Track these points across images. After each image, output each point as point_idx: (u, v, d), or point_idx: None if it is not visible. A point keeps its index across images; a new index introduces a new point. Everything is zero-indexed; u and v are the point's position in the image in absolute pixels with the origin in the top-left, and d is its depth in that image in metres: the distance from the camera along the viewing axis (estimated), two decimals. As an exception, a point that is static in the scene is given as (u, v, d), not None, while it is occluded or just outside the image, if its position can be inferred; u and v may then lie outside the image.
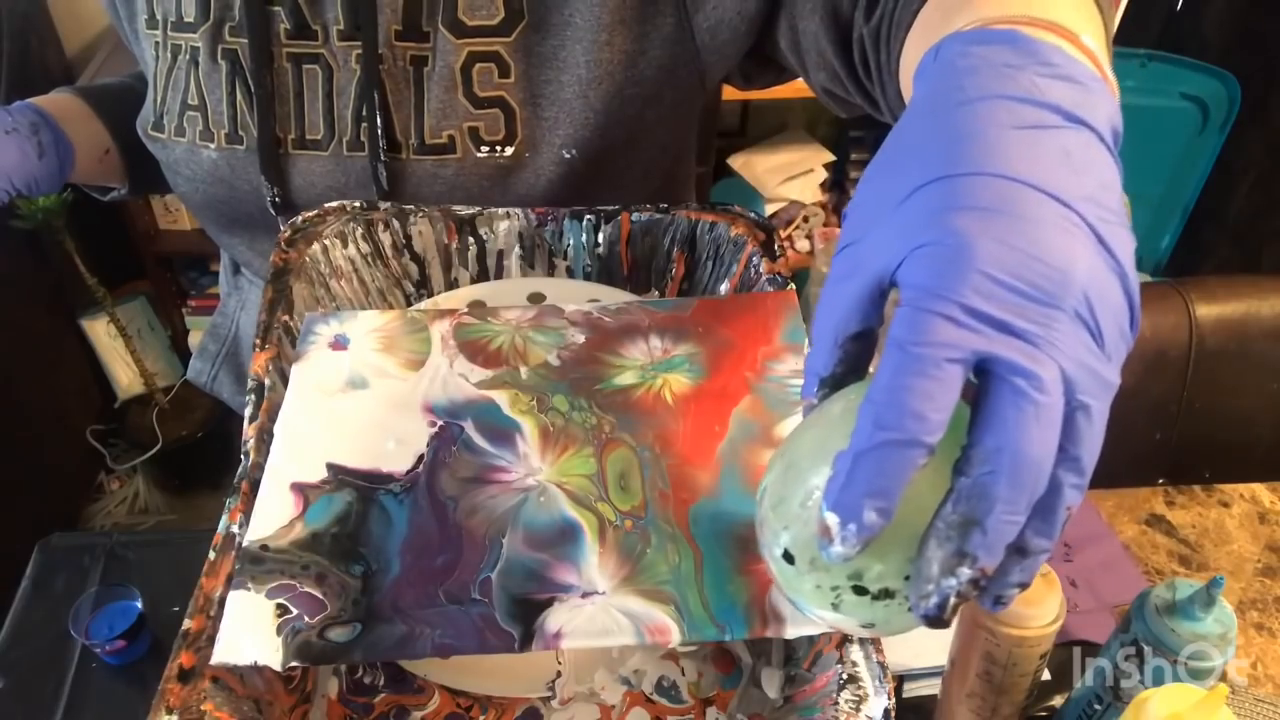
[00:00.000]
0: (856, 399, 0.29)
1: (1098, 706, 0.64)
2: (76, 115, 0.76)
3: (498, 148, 0.65)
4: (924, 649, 0.74)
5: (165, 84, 0.69)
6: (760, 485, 0.35)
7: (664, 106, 0.68)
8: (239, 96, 0.67)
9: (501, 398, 0.51)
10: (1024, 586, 0.29)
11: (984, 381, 0.28)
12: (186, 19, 0.67)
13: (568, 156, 0.66)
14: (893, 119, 0.56)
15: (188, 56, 0.67)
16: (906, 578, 0.30)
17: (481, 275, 0.65)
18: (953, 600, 0.28)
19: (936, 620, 0.28)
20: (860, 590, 0.31)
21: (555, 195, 0.66)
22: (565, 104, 0.64)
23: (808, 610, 0.33)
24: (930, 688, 0.72)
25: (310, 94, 0.66)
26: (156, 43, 0.69)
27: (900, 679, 0.73)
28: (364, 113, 0.65)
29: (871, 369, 0.31)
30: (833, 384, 0.32)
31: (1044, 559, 0.29)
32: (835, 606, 0.32)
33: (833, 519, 0.28)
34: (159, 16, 0.69)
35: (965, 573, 0.27)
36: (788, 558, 0.33)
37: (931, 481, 0.29)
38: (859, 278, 0.30)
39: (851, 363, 0.31)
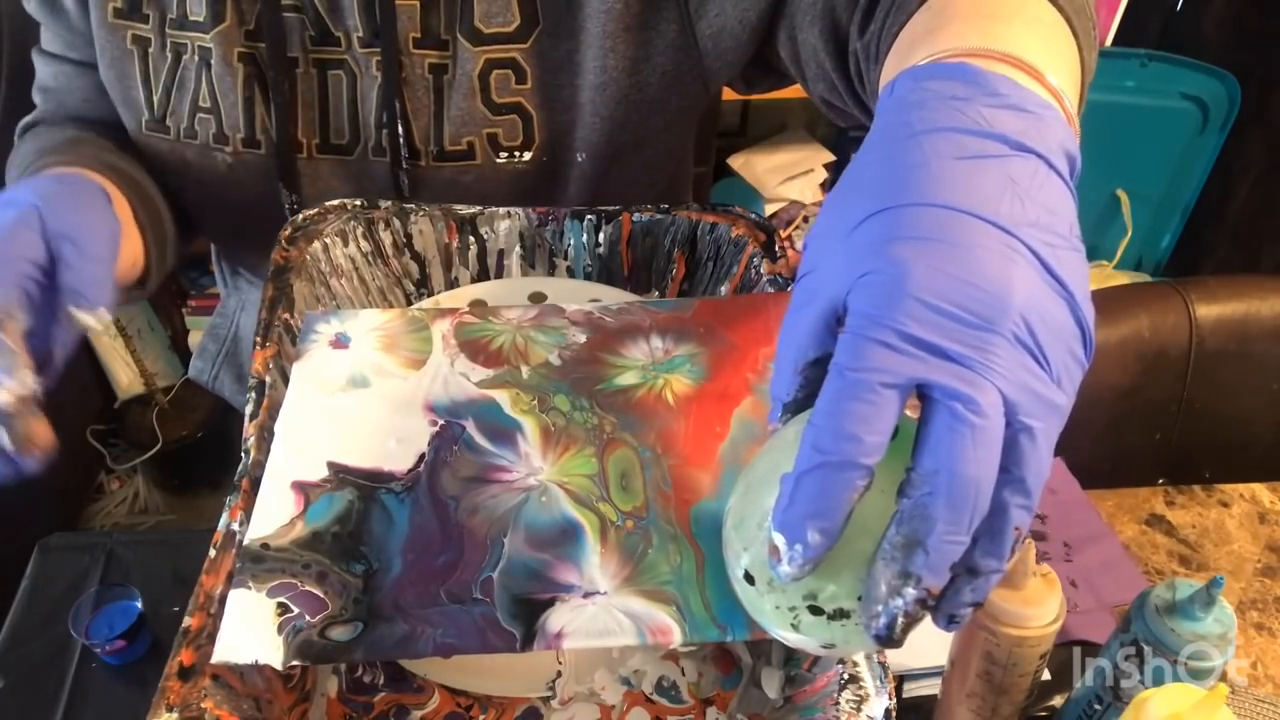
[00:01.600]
0: (799, 427, 0.30)
1: (1098, 706, 0.64)
2: (126, 218, 0.65)
3: (516, 153, 0.65)
4: (924, 649, 0.74)
5: (166, 83, 0.68)
6: (725, 507, 0.36)
7: (670, 112, 0.68)
8: (257, 101, 0.66)
9: (503, 397, 0.51)
10: (977, 605, 0.30)
11: (924, 406, 0.28)
12: (193, 18, 0.66)
13: (580, 160, 0.66)
14: None
15: (196, 57, 0.66)
16: (860, 598, 0.31)
17: (482, 274, 0.65)
18: (901, 620, 0.29)
19: (888, 640, 0.29)
20: (816, 610, 0.32)
21: (571, 199, 0.67)
22: (579, 108, 0.65)
23: (771, 631, 0.34)
24: (930, 688, 0.72)
25: (335, 99, 0.66)
26: (140, 38, 0.67)
27: (900, 679, 0.73)
28: (385, 119, 0.65)
29: None
30: (795, 409, 0.33)
31: (996, 579, 0.29)
32: (795, 627, 0.33)
33: (779, 539, 0.29)
34: (149, 11, 0.67)
35: (911, 593, 0.28)
36: (748, 578, 0.33)
37: (882, 504, 0.30)
38: (814, 306, 0.31)
39: (811, 388, 0.32)
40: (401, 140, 0.65)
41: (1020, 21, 0.38)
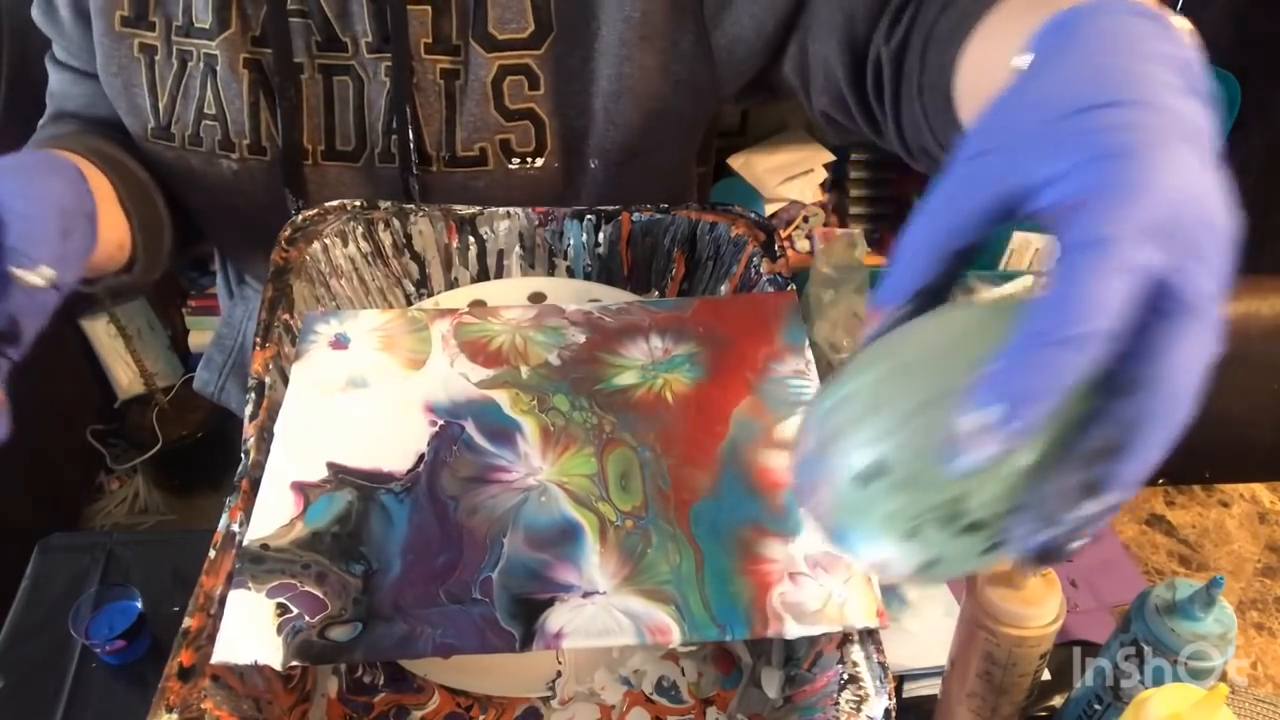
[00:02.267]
0: (981, 312, 0.28)
1: (1098, 706, 0.64)
2: (105, 198, 0.64)
3: (529, 159, 0.66)
4: (924, 649, 0.74)
5: (172, 91, 0.68)
6: (817, 403, 0.32)
7: (683, 120, 0.69)
8: (263, 107, 0.66)
9: (502, 397, 0.51)
10: (1078, 547, 0.28)
11: (1155, 303, 0.27)
12: (198, 25, 0.66)
13: (594, 167, 0.67)
14: (898, 143, 0.57)
15: (201, 64, 0.66)
16: (1011, 509, 0.28)
17: (482, 275, 0.65)
18: (1065, 537, 0.27)
19: (1041, 558, 0.28)
20: (950, 519, 0.29)
21: (583, 205, 0.67)
22: (593, 115, 0.65)
23: (860, 542, 0.30)
24: (930, 688, 0.72)
25: (341, 105, 0.66)
26: (148, 46, 0.68)
27: (900, 679, 0.73)
28: (394, 125, 0.65)
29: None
30: (925, 298, 0.31)
31: (1115, 513, 0.28)
32: (907, 536, 0.29)
33: (975, 421, 0.26)
34: (155, 19, 0.67)
35: (1091, 507, 0.27)
36: (865, 476, 0.29)
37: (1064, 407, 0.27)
38: (992, 187, 0.29)
39: (948, 278, 0.30)
40: (412, 146, 0.65)
41: None
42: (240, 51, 0.65)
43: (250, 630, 0.41)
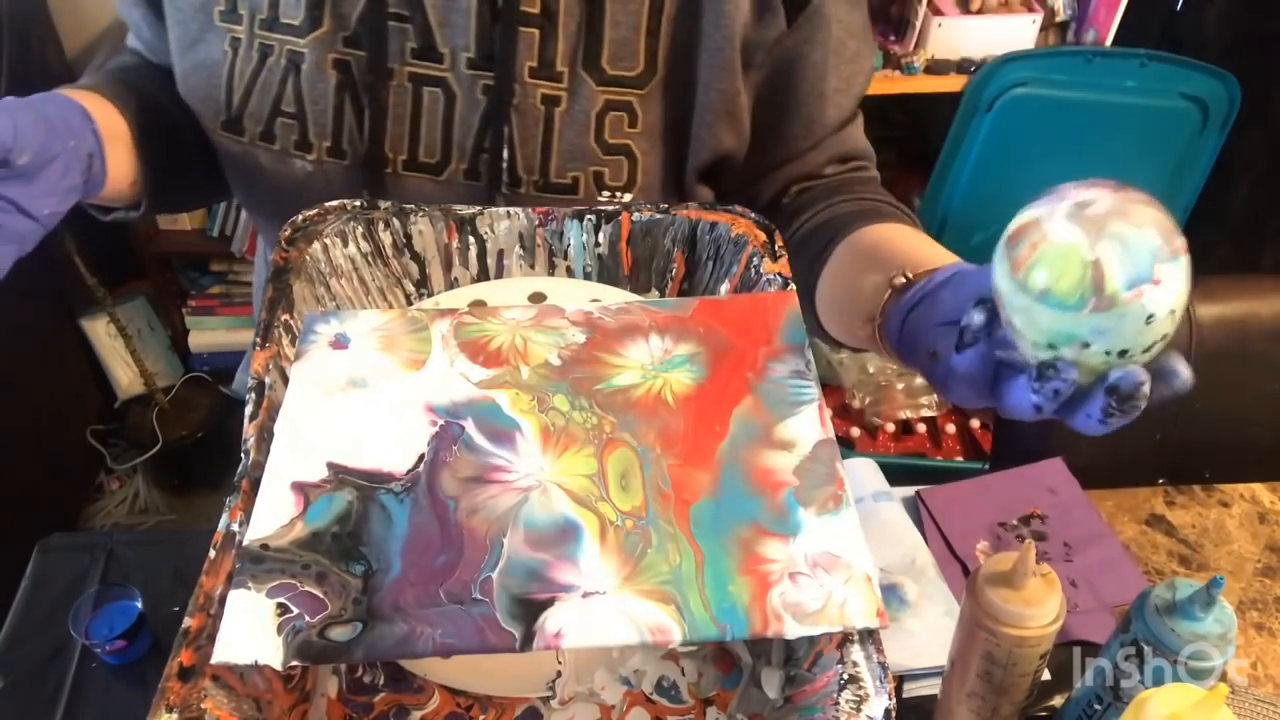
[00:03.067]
0: None
1: (1098, 706, 0.64)
2: (117, 137, 0.65)
3: (618, 194, 0.67)
4: (924, 649, 0.74)
5: (248, 84, 0.66)
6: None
7: (735, 186, 0.74)
8: (348, 110, 0.65)
9: (502, 397, 0.51)
10: None
11: None
12: (286, 21, 0.65)
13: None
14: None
15: (283, 60, 0.65)
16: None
17: (482, 275, 0.65)
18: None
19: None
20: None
21: None
22: (676, 161, 0.68)
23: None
24: (930, 688, 0.72)
25: (429, 118, 0.66)
26: (236, 39, 0.66)
27: (900, 679, 0.73)
28: (486, 144, 0.65)
29: None
30: None
31: None
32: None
33: None
34: (243, 12, 0.66)
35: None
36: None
37: None
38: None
39: None
40: (505, 166, 0.65)
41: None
42: (330, 51, 0.64)
43: (250, 630, 0.41)
